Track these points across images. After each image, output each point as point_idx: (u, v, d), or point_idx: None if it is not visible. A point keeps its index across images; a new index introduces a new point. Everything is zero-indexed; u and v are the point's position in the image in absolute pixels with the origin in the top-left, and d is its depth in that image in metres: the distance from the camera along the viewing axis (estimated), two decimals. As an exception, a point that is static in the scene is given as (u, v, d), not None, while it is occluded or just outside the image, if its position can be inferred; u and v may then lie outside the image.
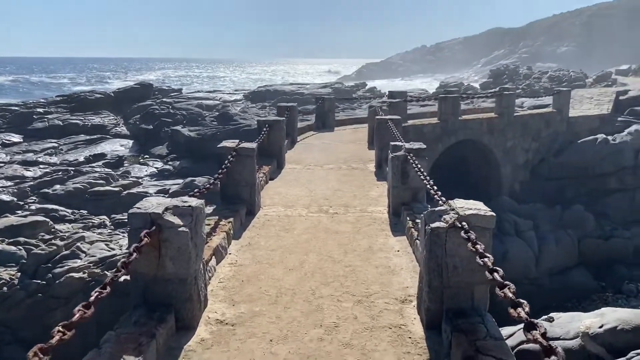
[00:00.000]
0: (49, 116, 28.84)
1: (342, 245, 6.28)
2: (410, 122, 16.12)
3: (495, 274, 3.12)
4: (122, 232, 16.50)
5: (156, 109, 29.13)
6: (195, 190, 5.54)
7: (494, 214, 4.19)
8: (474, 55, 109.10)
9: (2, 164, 22.37)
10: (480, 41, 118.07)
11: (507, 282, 3.02)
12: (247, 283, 5.22)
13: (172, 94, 34.31)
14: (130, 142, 27.72)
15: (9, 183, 19.95)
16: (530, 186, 18.25)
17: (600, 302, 15.18)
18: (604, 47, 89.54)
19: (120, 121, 30.50)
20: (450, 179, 15.74)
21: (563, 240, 16.01)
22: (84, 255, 14.15)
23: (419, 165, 6.82)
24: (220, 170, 6.69)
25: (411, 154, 7.19)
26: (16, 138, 26.31)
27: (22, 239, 14.79)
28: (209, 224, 6.27)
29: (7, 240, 14.84)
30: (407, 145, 7.52)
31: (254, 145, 7.64)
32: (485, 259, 3.37)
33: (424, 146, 7.51)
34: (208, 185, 6.00)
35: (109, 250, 14.50)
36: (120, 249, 14.52)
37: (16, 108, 28.62)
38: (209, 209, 10.53)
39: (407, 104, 16.28)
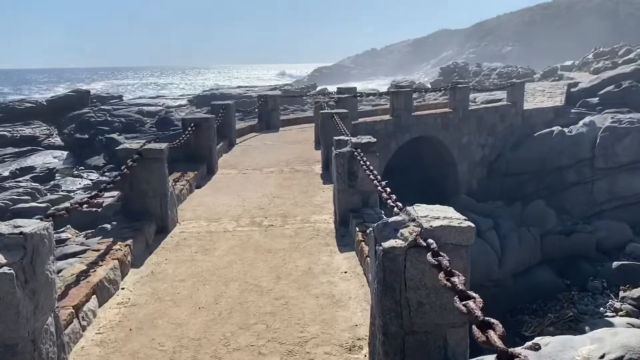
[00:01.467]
0: (-27, 128, 26.29)
1: (274, 269, 4.86)
2: (360, 119, 14.88)
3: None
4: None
5: (92, 117, 26.97)
6: (57, 209, 4.00)
7: (472, 224, 2.86)
8: (423, 57, 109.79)
9: None
10: (429, 43, 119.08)
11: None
12: (137, 333, 3.73)
13: (112, 101, 32.12)
14: (65, 153, 25.52)
15: None
16: (488, 183, 17.30)
17: (567, 301, 14.30)
18: (546, 45, 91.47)
19: (54, 131, 28.18)
20: (404, 180, 14.56)
21: (525, 238, 15.06)
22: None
23: (368, 163, 5.49)
24: (110, 181, 5.16)
25: (358, 150, 5.86)
26: None
27: None
28: (98, 250, 4.75)
29: None
30: (353, 139, 6.18)
31: (162, 145, 6.12)
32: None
33: (374, 139, 6.18)
34: (75, 205, 4.37)
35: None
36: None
37: None
38: (107, 227, 8.92)
39: (357, 100, 15.03)
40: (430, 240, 2.65)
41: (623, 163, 17.30)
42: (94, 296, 4.01)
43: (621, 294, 14.07)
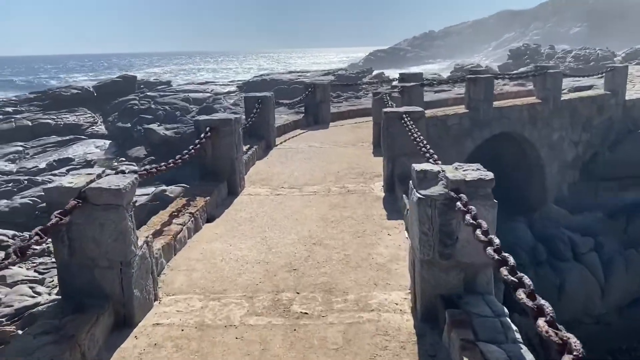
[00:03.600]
0: (18, 116, 25.00)
1: None
2: (428, 112, 12.05)
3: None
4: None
5: (135, 104, 25.17)
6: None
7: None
8: (484, 39, 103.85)
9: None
10: (490, 24, 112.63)
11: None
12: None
13: (159, 87, 30.32)
14: (107, 142, 23.84)
15: (-53, 198, 16.15)
16: (581, 189, 14.05)
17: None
18: (617, 26, 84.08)
19: (99, 119, 26.62)
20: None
21: (634, 262, 11.88)
22: None
23: (480, 221, 2.81)
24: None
25: (461, 195, 3.17)
26: (-24, 142, 22.54)
27: None
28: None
29: None
30: (449, 173, 3.46)
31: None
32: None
33: (489, 175, 3.45)
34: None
35: (34, 296, 10.60)
36: (50, 294, 10.60)
37: (-21, 108, 24.81)
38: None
39: (423, 90, 12.13)
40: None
41: None
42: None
43: None
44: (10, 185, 17.07)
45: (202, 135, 6.13)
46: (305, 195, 6.47)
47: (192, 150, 5.79)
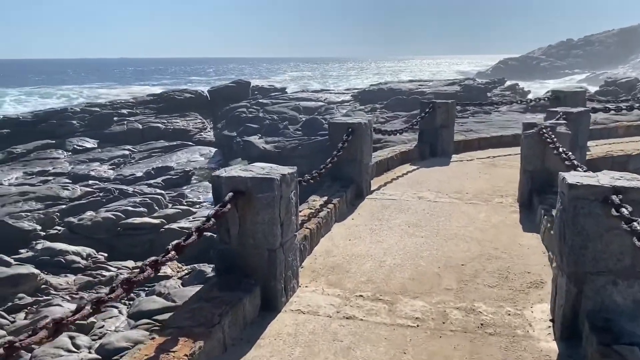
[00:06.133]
0: (131, 118, 24.39)
1: None
2: (592, 145, 8.29)
3: None
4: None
5: (244, 112, 23.39)
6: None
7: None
8: (631, 49, 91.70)
9: (51, 177, 17.94)
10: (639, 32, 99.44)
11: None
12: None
13: (272, 94, 28.51)
14: (213, 151, 22.29)
15: (39, 205, 15.15)
16: None
17: None
18: None
19: (209, 125, 25.31)
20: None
21: None
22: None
23: None
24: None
25: None
26: (89, 143, 22.04)
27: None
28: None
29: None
30: None
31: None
32: None
33: None
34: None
35: (71, 352, 8.49)
36: (132, 344, 8.32)
37: (97, 109, 24.52)
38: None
39: (590, 116, 8.36)
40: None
41: None
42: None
43: None
44: (100, 195, 15.74)
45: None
46: (397, 326, 3.35)
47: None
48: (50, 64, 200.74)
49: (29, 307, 9.90)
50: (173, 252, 2.84)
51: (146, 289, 11.26)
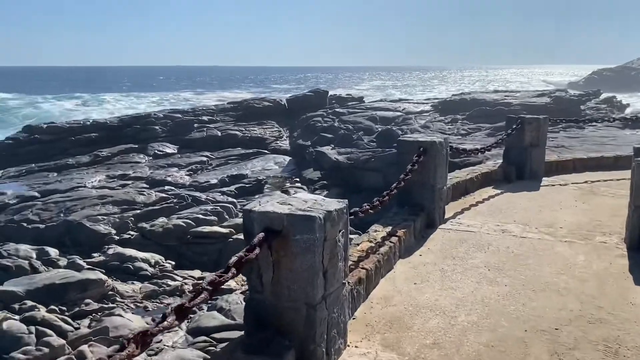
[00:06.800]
0: (210, 125, 24.71)
1: None
2: None
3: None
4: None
5: (319, 121, 22.94)
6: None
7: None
8: None
9: (130, 181, 18.35)
10: None
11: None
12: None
13: (350, 103, 27.92)
14: (287, 159, 22.01)
15: (116, 209, 15.43)
16: None
17: None
18: None
19: (285, 134, 25.12)
20: None
21: None
22: None
23: None
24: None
25: None
26: (170, 149, 22.51)
27: (40, 314, 9.35)
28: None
29: (41, 308, 9.63)
30: None
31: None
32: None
33: None
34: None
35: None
36: None
37: (179, 116, 25.06)
38: None
39: None
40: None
41: None
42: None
43: None
44: (174, 201, 15.80)
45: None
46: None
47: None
48: (143, 71, 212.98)
49: (93, 314, 9.86)
50: (234, 270, 2.40)
51: (209, 302, 10.92)
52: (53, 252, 12.58)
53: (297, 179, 19.42)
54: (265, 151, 22.69)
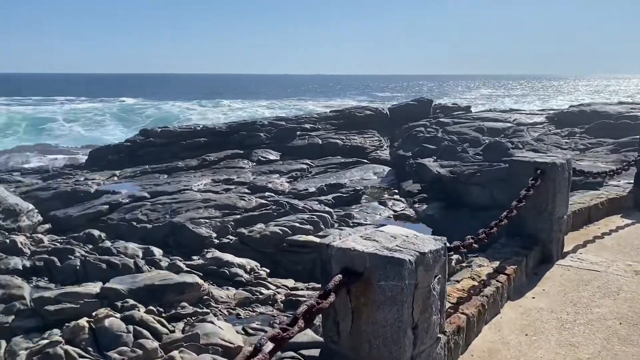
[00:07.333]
0: (312, 133, 24.81)
1: None
2: None
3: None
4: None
5: (421, 131, 22.09)
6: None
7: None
8: None
9: (233, 186, 18.79)
10: None
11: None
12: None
13: (455, 113, 26.71)
14: (387, 170, 21.42)
15: (217, 213, 15.81)
16: None
17: None
18: None
19: (385, 144, 24.56)
20: None
21: None
22: None
23: None
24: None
25: None
26: (273, 155, 22.89)
27: (139, 314, 9.66)
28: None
29: (141, 308, 10.00)
30: None
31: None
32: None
33: None
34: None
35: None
36: None
37: (283, 123, 25.43)
38: None
39: None
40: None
41: None
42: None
43: None
44: (273, 207, 15.86)
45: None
46: None
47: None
48: (254, 79, 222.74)
49: (187, 318, 9.99)
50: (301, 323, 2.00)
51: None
52: (157, 252, 13.06)
53: (396, 191, 18.77)
54: (365, 160, 22.28)
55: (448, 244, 2.67)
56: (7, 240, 12.30)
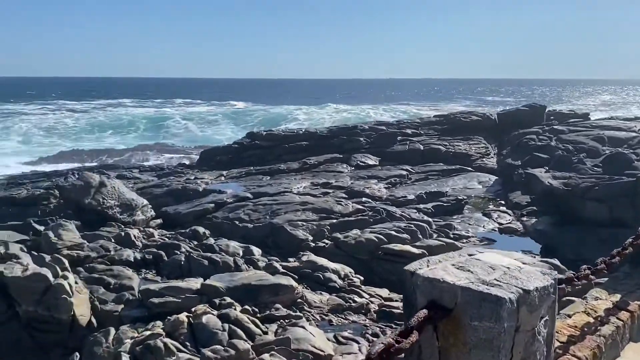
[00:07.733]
0: (414, 138, 24.19)
1: None
2: None
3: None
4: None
5: (532, 139, 20.64)
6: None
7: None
8: None
9: (331, 190, 18.80)
10: None
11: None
12: None
13: (571, 120, 24.70)
14: (493, 179, 20.28)
15: (314, 216, 15.88)
16: None
17: None
18: None
19: (492, 151, 23.30)
20: None
21: None
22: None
23: None
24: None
25: None
26: (372, 160, 22.65)
27: (235, 313, 9.88)
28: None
29: (237, 306, 10.27)
30: None
31: None
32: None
33: None
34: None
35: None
36: None
37: (383, 128, 25.07)
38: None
39: None
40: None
41: None
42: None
43: None
44: (369, 214, 15.61)
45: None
46: None
47: None
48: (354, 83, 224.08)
49: (280, 320, 10.04)
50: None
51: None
52: (257, 251, 13.33)
53: (502, 202, 17.68)
54: (469, 168, 21.29)
55: (559, 275, 2.28)
56: (123, 233, 13.22)
